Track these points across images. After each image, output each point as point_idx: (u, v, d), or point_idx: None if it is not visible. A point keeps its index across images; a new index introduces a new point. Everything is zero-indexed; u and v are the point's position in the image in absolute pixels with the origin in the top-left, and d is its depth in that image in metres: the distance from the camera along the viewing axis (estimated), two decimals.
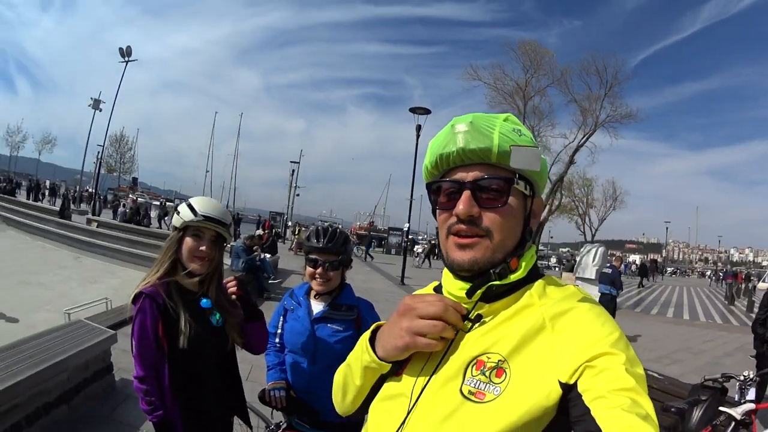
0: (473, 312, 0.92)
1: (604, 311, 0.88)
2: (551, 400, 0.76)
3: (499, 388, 0.80)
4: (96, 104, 35.50)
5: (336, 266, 2.37)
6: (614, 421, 0.66)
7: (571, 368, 0.76)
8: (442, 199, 0.97)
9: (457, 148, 0.91)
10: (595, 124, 19.43)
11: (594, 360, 0.76)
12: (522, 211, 0.95)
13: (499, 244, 0.91)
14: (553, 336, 0.82)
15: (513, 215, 0.93)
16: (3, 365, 3.24)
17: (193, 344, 1.92)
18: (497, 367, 0.83)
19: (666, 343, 11.09)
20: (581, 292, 0.94)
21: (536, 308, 0.88)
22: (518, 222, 0.95)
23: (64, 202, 23.94)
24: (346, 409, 1.13)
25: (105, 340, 4.28)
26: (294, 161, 52.53)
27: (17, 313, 7.81)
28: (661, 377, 4.60)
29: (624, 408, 0.67)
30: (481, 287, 0.92)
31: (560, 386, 0.76)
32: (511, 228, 0.93)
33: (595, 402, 0.70)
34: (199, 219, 1.98)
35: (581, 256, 16.10)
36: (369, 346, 0.99)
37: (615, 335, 0.80)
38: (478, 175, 0.92)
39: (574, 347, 0.79)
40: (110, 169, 59.25)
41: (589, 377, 0.74)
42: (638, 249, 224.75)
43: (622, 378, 0.72)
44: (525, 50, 20.32)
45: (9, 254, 13.42)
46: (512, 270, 0.92)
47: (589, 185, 41.38)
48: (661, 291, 29.68)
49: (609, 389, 0.70)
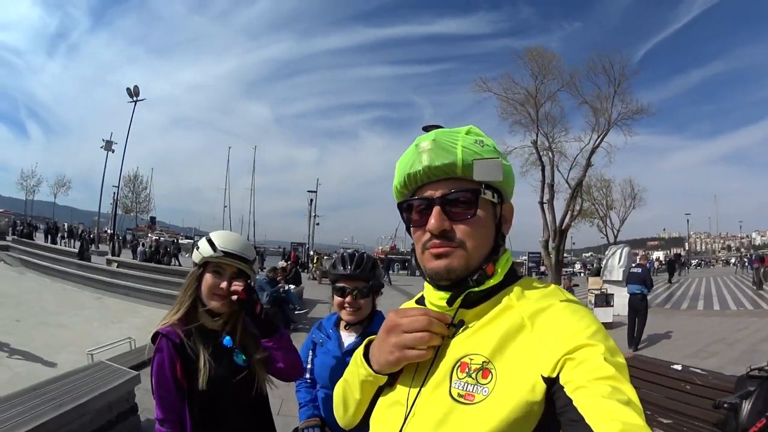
0: (455, 318, 0.96)
1: (582, 307, 0.91)
2: (537, 395, 0.79)
3: (487, 389, 0.83)
4: (108, 145, 35.85)
5: (366, 293, 2.23)
6: (595, 408, 0.69)
7: (552, 362, 0.79)
8: (414, 216, 1.01)
9: (423, 167, 0.95)
10: (608, 123, 19.19)
11: (573, 352, 0.78)
12: (492, 218, 0.99)
13: (472, 252, 0.94)
14: (533, 333, 0.86)
15: (483, 224, 0.96)
16: (26, 407, 3.23)
17: (215, 385, 1.79)
18: (482, 369, 0.86)
19: (700, 337, 10.79)
20: (560, 290, 0.97)
21: (515, 309, 0.91)
22: (489, 230, 0.98)
23: (82, 244, 24.17)
24: (348, 422, 1.16)
25: (128, 381, 4.23)
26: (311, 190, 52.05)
27: (40, 354, 7.82)
28: (704, 372, 4.43)
29: (604, 395, 0.70)
30: (460, 295, 0.95)
31: (544, 381, 0.79)
32: (483, 236, 0.97)
33: (577, 392, 0.73)
34: (219, 255, 1.87)
35: (606, 259, 15.89)
36: (364, 361, 1.03)
37: (593, 328, 0.83)
38: (446, 190, 0.95)
39: (554, 342, 0.81)
40: (127, 209, 59.27)
41: (570, 369, 0.77)
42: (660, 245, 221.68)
43: (601, 367, 0.74)
44: (532, 56, 20.19)
45: (30, 296, 13.51)
46: (489, 275, 0.96)
47: (608, 186, 41.23)
48: (688, 284, 29.12)
49: (589, 378, 0.73)
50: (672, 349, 9.44)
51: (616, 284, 14.39)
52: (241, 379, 1.89)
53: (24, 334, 8.96)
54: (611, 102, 19.15)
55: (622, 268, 14.64)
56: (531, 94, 19.96)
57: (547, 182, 19.64)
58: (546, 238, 19.22)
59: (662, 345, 10.14)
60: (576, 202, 20.23)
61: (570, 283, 12.98)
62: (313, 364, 2.36)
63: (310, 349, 2.41)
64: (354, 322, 2.25)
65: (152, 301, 13.73)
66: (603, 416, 0.67)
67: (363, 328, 2.28)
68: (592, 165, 19.88)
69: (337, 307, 2.26)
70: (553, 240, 18.99)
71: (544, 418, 0.80)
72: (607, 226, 45.75)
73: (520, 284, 0.98)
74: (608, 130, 19.31)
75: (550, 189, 19.53)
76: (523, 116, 20.27)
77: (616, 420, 0.66)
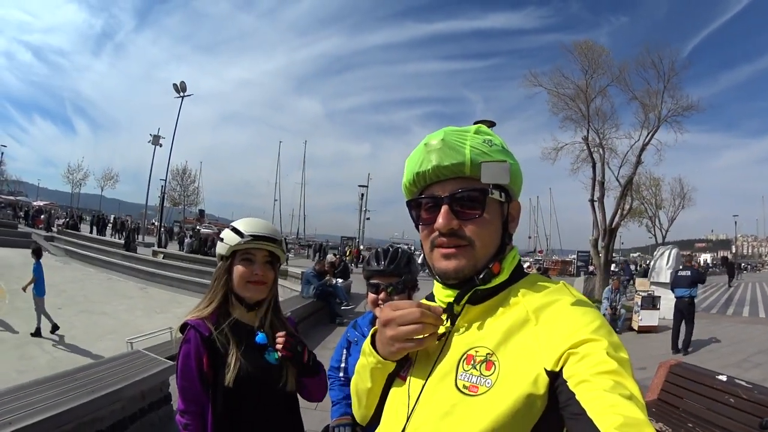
0: (461, 313, 0.98)
1: (587, 303, 0.91)
2: (539, 389, 0.79)
3: (491, 380, 0.84)
4: (155, 140, 36.88)
5: (400, 289, 2.14)
6: (597, 402, 0.69)
7: (555, 356, 0.79)
8: (423, 214, 1.02)
9: (432, 166, 0.96)
10: (658, 119, 18.47)
11: (577, 347, 0.78)
12: (499, 217, 1.00)
13: (480, 251, 0.96)
14: (537, 327, 0.86)
15: (491, 223, 0.97)
16: (56, 392, 3.25)
17: (243, 382, 1.70)
18: (486, 360, 0.87)
19: (744, 346, 10.31)
20: (566, 287, 0.97)
21: (520, 305, 0.92)
22: (496, 229, 0.99)
23: (129, 235, 24.82)
24: (363, 415, 1.18)
25: (163, 370, 4.20)
26: (362, 185, 52.23)
27: (80, 341, 8.02)
28: (749, 385, 4.21)
29: (606, 389, 0.70)
30: (468, 293, 0.97)
31: (546, 374, 0.79)
32: (490, 235, 0.97)
33: (579, 386, 0.73)
34: (248, 239, 1.79)
35: (655, 260, 15.40)
36: (372, 349, 1.05)
37: (596, 323, 0.83)
38: (454, 189, 0.96)
39: (557, 336, 0.82)
40: (175, 202, 61.16)
41: (573, 363, 0.77)
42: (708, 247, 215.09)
43: (604, 362, 0.74)
44: (581, 50, 19.63)
45: (73, 285, 13.99)
46: (495, 274, 0.97)
47: (657, 185, 40.08)
48: (734, 289, 28.36)
49: (592, 373, 0.73)
50: (715, 358, 9.10)
51: (663, 286, 13.88)
52: (271, 378, 1.80)
53: (65, 322, 9.19)
54: (661, 98, 18.47)
55: (670, 270, 14.26)
56: (581, 88, 19.43)
57: (597, 179, 19.03)
58: (595, 236, 18.71)
59: (704, 352, 9.75)
60: (626, 201, 19.69)
61: (619, 284, 12.61)
62: (347, 363, 2.34)
63: (344, 348, 2.40)
64: None
65: (196, 292, 13.98)
66: (605, 410, 0.67)
67: None
68: (642, 162, 19.28)
69: (371, 304, 2.19)
70: (602, 239, 18.42)
71: (548, 412, 0.80)
72: (656, 225, 44.70)
73: (527, 281, 0.99)
74: (658, 127, 18.64)
75: (600, 186, 18.96)
76: (574, 111, 19.72)
77: (618, 414, 0.66)
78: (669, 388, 4.83)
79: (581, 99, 19.51)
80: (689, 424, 4.26)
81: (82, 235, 28.07)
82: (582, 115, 19.46)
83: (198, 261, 20.25)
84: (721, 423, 4.15)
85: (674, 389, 4.78)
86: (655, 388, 4.97)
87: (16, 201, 47.71)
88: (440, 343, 0.99)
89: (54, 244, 24.02)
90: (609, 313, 11.43)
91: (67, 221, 34.87)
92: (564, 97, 20.11)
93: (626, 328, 11.89)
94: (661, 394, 4.86)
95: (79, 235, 27.66)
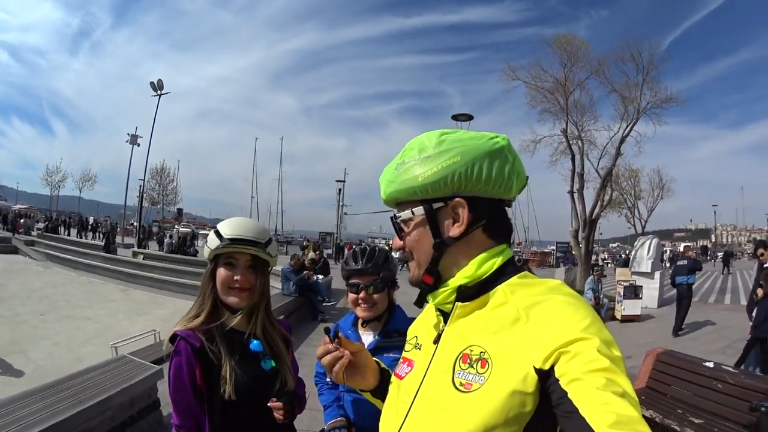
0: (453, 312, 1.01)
1: (578, 300, 0.90)
2: (528, 387, 0.80)
3: (483, 378, 0.86)
4: (133, 139, 36.36)
5: (380, 287, 2.13)
6: (590, 400, 0.69)
7: (544, 354, 0.79)
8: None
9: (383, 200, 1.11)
10: (637, 112, 18.72)
11: (568, 345, 0.78)
12: (425, 227, 1.03)
13: (418, 261, 1.06)
14: (527, 325, 0.86)
15: (418, 237, 1.05)
16: (45, 404, 3.17)
17: (239, 393, 1.63)
18: (480, 359, 0.89)
19: (727, 333, 10.61)
20: (558, 285, 0.97)
21: (510, 303, 0.92)
22: (426, 239, 1.04)
23: (108, 237, 24.51)
24: None
25: (150, 376, 4.15)
26: (339, 180, 52.22)
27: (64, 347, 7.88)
28: (735, 371, 4.31)
29: (599, 387, 0.70)
30: (421, 298, 1.12)
31: (535, 372, 0.80)
32: (421, 246, 1.05)
33: (571, 384, 0.73)
34: (226, 243, 1.70)
35: (635, 250, 15.69)
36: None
37: (587, 321, 0.82)
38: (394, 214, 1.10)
39: (548, 334, 0.81)
40: (153, 201, 60.27)
41: (564, 362, 0.77)
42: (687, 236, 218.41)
43: (595, 360, 0.74)
44: (560, 44, 19.79)
45: (55, 290, 13.70)
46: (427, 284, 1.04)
47: (636, 176, 40.94)
48: (715, 278, 28.88)
49: (583, 371, 0.73)
50: (700, 345, 9.39)
51: (644, 276, 14.34)
52: (267, 386, 1.74)
53: (48, 328, 9.06)
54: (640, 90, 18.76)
55: (651, 259, 14.75)
56: (560, 82, 19.65)
57: (576, 171, 19.31)
58: (576, 228, 18.97)
59: (688, 339, 10.06)
60: (606, 192, 19.93)
61: (601, 274, 12.77)
62: None
63: None
64: (370, 318, 2.17)
65: (177, 292, 13.91)
66: (597, 408, 0.68)
67: (382, 325, 2.19)
68: (621, 154, 19.53)
69: (352, 304, 2.18)
70: (582, 230, 18.72)
71: (542, 411, 0.80)
72: (635, 216, 45.56)
73: (518, 278, 1.00)
74: (637, 119, 18.92)
75: (580, 178, 19.22)
76: (553, 104, 20.00)
77: (610, 412, 0.67)
78: (657, 376, 4.94)
79: (560, 92, 19.73)
80: (678, 410, 4.34)
81: (63, 239, 27.70)
82: (561, 108, 19.69)
83: (178, 261, 20.12)
84: (709, 408, 4.25)
85: (662, 377, 4.89)
86: (643, 376, 5.07)
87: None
88: (435, 342, 1.04)
89: (35, 249, 23.59)
90: (593, 304, 11.58)
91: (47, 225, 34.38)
92: (543, 90, 20.35)
93: (609, 318, 12.05)
94: (649, 382, 4.96)
95: (59, 239, 27.29)
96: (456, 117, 17.24)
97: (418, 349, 1.12)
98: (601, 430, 0.66)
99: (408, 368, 1.09)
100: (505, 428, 0.80)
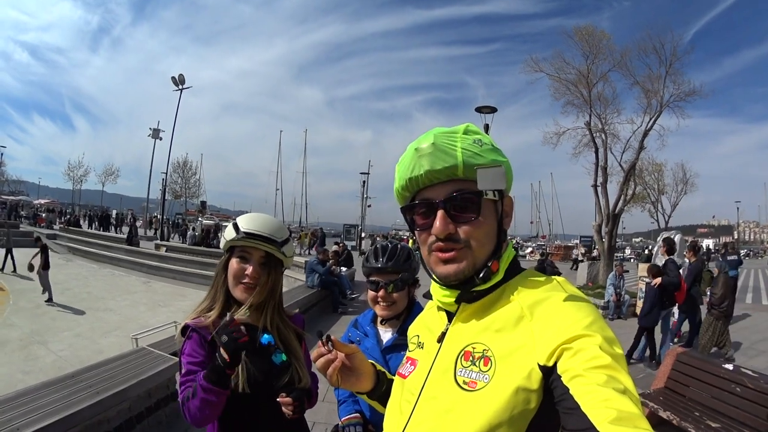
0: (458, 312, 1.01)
1: (581, 298, 0.90)
2: (533, 384, 0.80)
3: (488, 376, 0.86)
4: (155, 134, 36.76)
5: (400, 286, 2.10)
6: (591, 396, 0.70)
7: (548, 351, 0.80)
8: (418, 219, 1.02)
9: (424, 171, 0.96)
10: (660, 105, 18.30)
11: (570, 342, 0.78)
12: (494, 216, 0.99)
13: (477, 252, 0.96)
14: (531, 323, 0.87)
15: (487, 224, 0.97)
16: (63, 395, 3.24)
17: (251, 388, 1.63)
18: (483, 356, 0.89)
19: (747, 333, 10.31)
20: (560, 283, 0.97)
21: (515, 301, 0.93)
22: (492, 228, 0.99)
23: (131, 230, 24.79)
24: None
25: (168, 368, 4.19)
26: (364, 172, 51.92)
27: (85, 338, 7.99)
28: (755, 375, 4.19)
29: (600, 383, 0.71)
30: (468, 292, 0.99)
31: (540, 369, 0.80)
32: (487, 236, 0.98)
33: (573, 381, 0.74)
34: (241, 236, 1.70)
35: (658, 246, 15.46)
36: None
37: (590, 318, 0.83)
38: (448, 192, 0.96)
39: (551, 331, 0.82)
40: (176, 195, 60.85)
41: (567, 359, 0.77)
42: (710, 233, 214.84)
43: (597, 356, 0.75)
44: (582, 35, 19.44)
45: (77, 282, 13.98)
46: (494, 272, 0.98)
47: (660, 171, 40.24)
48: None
49: (585, 368, 0.74)
50: None
51: None
52: (278, 380, 1.72)
53: (70, 319, 9.24)
54: (663, 83, 18.39)
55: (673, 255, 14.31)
56: (583, 74, 19.30)
57: (600, 165, 18.95)
58: (599, 222, 18.70)
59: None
60: (629, 186, 19.62)
61: (622, 269, 12.55)
62: None
63: None
64: (389, 317, 2.15)
65: (199, 284, 14.06)
66: (599, 404, 0.68)
67: (401, 324, 2.16)
68: (645, 148, 19.16)
69: (371, 301, 2.16)
70: (606, 224, 18.41)
71: (544, 407, 0.81)
72: (658, 211, 44.67)
73: (522, 277, 1.00)
74: (660, 112, 18.52)
75: (603, 172, 18.85)
76: (576, 97, 19.60)
77: (611, 408, 0.67)
78: (676, 377, 4.85)
79: (583, 84, 19.35)
80: (696, 413, 4.27)
81: (85, 232, 28.11)
82: (584, 101, 19.30)
83: (201, 253, 20.27)
84: (726, 412, 4.16)
85: (681, 378, 4.80)
86: (662, 376, 4.99)
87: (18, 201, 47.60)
88: (439, 341, 1.03)
89: (57, 242, 24.02)
90: (614, 300, 11.43)
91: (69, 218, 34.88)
92: (565, 83, 19.93)
93: (630, 314, 11.87)
94: (668, 383, 4.87)
95: (81, 232, 27.70)
96: (479, 109, 16.95)
97: (420, 348, 1.11)
98: (602, 426, 0.66)
99: (411, 367, 1.08)
100: (511, 425, 0.81)
